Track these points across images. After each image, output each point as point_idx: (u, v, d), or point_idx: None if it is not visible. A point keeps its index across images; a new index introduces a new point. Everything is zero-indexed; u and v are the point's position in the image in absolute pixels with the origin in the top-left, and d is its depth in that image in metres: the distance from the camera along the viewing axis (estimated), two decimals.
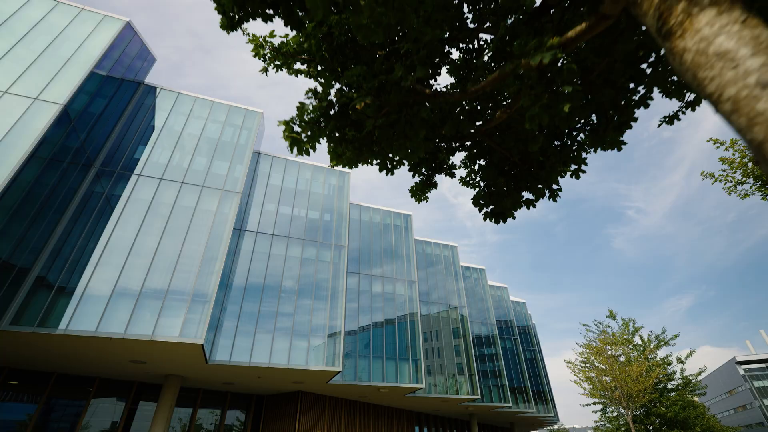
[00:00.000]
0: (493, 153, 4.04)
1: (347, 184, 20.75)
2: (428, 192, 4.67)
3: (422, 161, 4.19)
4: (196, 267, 12.46)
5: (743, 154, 9.25)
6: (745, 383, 56.62)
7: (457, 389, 21.30)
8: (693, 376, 17.95)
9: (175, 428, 16.65)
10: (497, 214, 4.03)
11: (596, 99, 3.36)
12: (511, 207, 3.93)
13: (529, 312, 38.00)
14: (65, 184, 12.03)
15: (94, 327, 10.59)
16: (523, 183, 3.84)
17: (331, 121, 3.41)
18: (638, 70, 3.27)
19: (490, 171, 4.01)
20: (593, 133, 3.56)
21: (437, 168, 4.34)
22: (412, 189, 4.63)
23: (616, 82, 3.28)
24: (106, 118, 13.91)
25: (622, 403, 15.99)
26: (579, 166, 3.62)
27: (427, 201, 4.71)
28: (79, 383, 15.22)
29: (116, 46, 13.66)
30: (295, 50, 3.66)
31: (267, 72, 3.96)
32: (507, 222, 4.11)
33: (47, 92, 11.04)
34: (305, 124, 3.41)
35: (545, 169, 3.72)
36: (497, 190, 3.92)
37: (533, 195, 3.86)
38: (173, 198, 13.86)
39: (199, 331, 11.31)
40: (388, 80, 3.11)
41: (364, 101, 3.10)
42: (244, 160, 16.08)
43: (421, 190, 4.61)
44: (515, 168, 3.83)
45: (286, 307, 15.40)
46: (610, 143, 3.54)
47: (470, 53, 3.80)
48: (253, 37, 3.97)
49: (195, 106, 16.83)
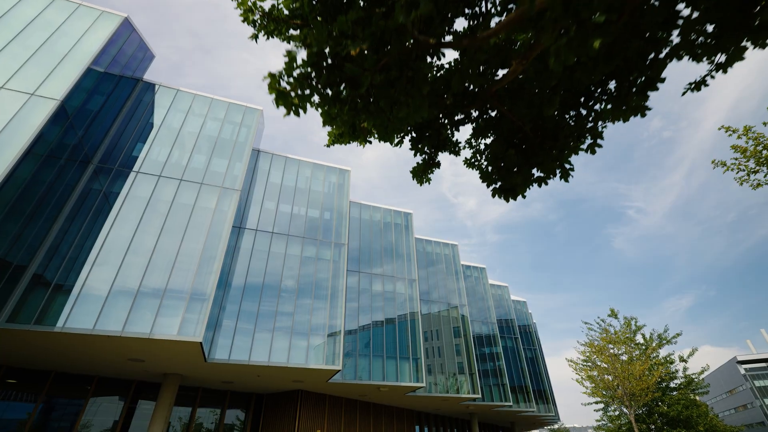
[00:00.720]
0: (502, 124, 3.72)
1: (347, 181, 20.64)
2: (431, 173, 4.38)
3: (425, 137, 3.90)
4: (194, 264, 12.36)
5: (757, 141, 8.80)
6: (746, 382, 56.52)
7: (457, 388, 21.20)
8: (696, 374, 17.83)
9: (175, 427, 16.56)
10: (507, 191, 3.77)
11: (621, 52, 2.97)
12: (522, 183, 3.65)
13: (529, 311, 37.90)
14: (63, 180, 11.93)
15: (91, 325, 10.49)
16: (535, 158, 3.54)
17: (323, 75, 3.03)
18: (674, 12, 2.83)
19: (498, 144, 3.70)
20: (614, 99, 3.20)
21: (441, 145, 4.05)
22: (414, 170, 4.35)
23: (646, 30, 2.91)
24: (104, 114, 13.80)
25: (625, 402, 15.87)
26: (595, 140, 3.34)
27: (429, 183, 4.44)
28: (77, 382, 15.14)
29: (114, 42, 13.53)
30: (288, 16, 3.42)
31: (257, 39, 3.61)
32: (517, 200, 3.83)
33: (44, 88, 10.93)
34: (294, 81, 3.03)
35: (559, 141, 3.42)
36: (506, 165, 3.63)
37: (544, 173, 3.58)
38: (172, 195, 13.75)
39: (197, 329, 11.21)
40: (387, 27, 2.79)
41: (360, 46, 2.80)
42: (244, 157, 15.97)
43: (423, 170, 4.34)
44: (526, 141, 3.53)
45: (285, 305, 15.30)
46: (634, 109, 3.19)
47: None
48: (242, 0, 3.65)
49: (194, 103, 16.71)
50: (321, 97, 3.21)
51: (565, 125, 3.31)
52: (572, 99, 3.23)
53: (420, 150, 4.11)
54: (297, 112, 3.12)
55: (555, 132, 3.44)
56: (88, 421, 14.84)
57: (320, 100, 3.24)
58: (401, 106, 3.09)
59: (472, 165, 4.14)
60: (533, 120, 3.44)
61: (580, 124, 3.28)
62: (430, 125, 3.75)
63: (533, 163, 3.54)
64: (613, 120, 3.25)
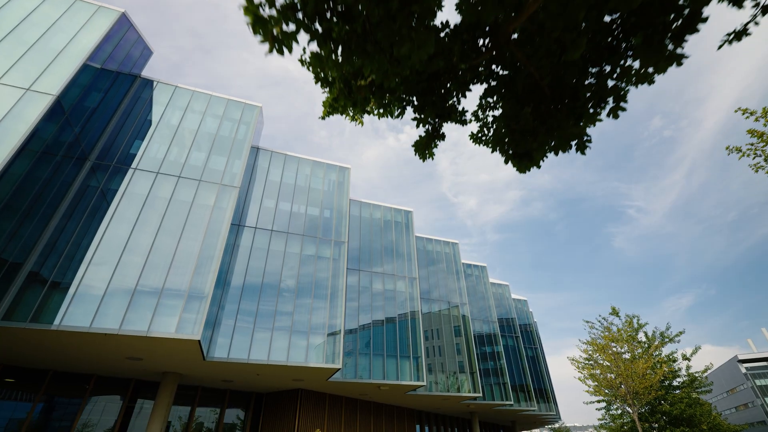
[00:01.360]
0: (515, 81, 3.28)
1: (347, 179, 20.50)
2: (435, 147, 3.98)
3: (429, 105, 3.50)
4: (192, 262, 12.23)
5: None
6: (747, 381, 56.38)
7: (458, 387, 21.09)
8: (699, 373, 17.68)
9: (175, 426, 16.46)
10: (522, 156, 3.36)
11: None
12: (538, 148, 3.24)
13: (530, 310, 37.77)
14: (59, 177, 11.79)
15: (88, 323, 10.37)
16: (551, 121, 3.14)
17: (311, 2, 2.55)
18: None
19: (511, 105, 3.28)
20: (646, 44, 2.76)
21: (446, 114, 3.68)
22: (417, 144, 3.98)
23: None
24: (101, 111, 13.66)
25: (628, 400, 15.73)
26: (618, 103, 3.09)
27: (433, 158, 4.03)
28: (75, 381, 15.02)
29: (111, 38, 13.39)
30: None
31: None
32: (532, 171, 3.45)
33: (39, 83, 10.78)
34: (278, 13, 2.56)
35: (579, 101, 3.03)
36: (521, 127, 3.22)
37: (561, 139, 3.19)
38: (170, 192, 13.61)
39: (195, 327, 11.08)
40: None
41: None
42: (243, 154, 15.83)
43: (427, 144, 3.94)
44: (542, 102, 3.15)
45: (285, 303, 15.18)
46: (668, 58, 2.76)
47: None
48: None
49: (192, 100, 16.57)
50: (309, 33, 2.75)
51: (585, 84, 3.03)
52: (595, 53, 2.93)
53: (423, 120, 3.75)
54: (281, 50, 2.68)
55: (575, 90, 3.06)
56: (87, 420, 14.73)
57: (309, 37, 2.78)
58: (403, 41, 2.64)
59: (479, 140, 3.78)
60: (552, 72, 3.03)
61: (602, 84, 3.00)
62: (434, 90, 3.40)
63: (550, 128, 3.15)
64: (643, 68, 2.82)
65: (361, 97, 3.24)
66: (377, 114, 3.76)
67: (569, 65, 2.93)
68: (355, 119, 3.83)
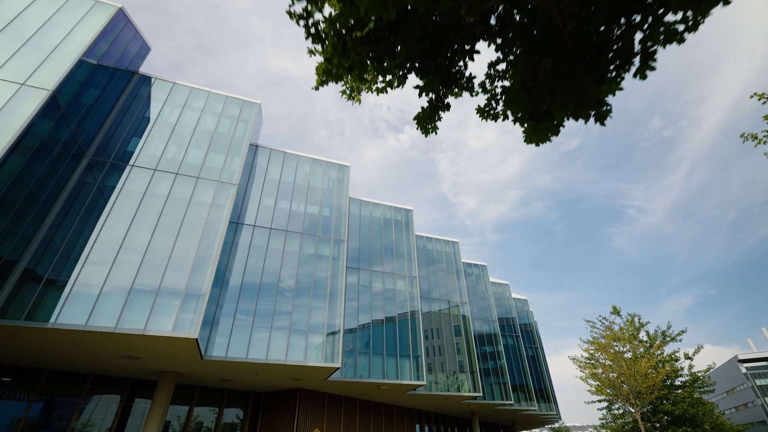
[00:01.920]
0: (534, 26, 2.86)
1: (347, 177, 20.37)
2: (438, 119, 3.62)
3: (432, 70, 3.14)
4: (190, 260, 12.08)
5: None
6: (747, 381, 56.26)
7: (458, 387, 20.96)
8: (702, 372, 17.55)
9: (174, 426, 16.32)
10: (541, 116, 2.94)
11: None
12: (559, 107, 2.84)
13: (530, 309, 37.65)
14: (55, 174, 11.65)
15: (84, 321, 10.22)
16: (572, 80, 2.77)
17: None
18: None
19: (528, 58, 2.85)
20: None
21: (451, 80, 3.34)
22: (419, 117, 3.63)
23: None
24: (98, 107, 13.52)
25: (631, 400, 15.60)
26: (646, 62, 2.86)
27: (436, 133, 3.71)
28: (72, 380, 14.88)
29: (108, 34, 13.24)
30: None
31: None
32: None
33: (35, 78, 10.64)
34: None
35: (604, 55, 2.67)
36: (539, 82, 2.81)
37: (582, 105, 2.82)
38: (167, 189, 13.47)
39: (192, 325, 10.94)
40: None
41: None
42: (241, 151, 15.68)
43: (430, 116, 3.59)
44: (563, 59, 2.76)
45: (283, 302, 15.04)
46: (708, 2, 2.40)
47: None
48: None
49: (190, 97, 16.42)
50: None
51: (611, 38, 2.78)
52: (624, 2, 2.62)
53: (426, 88, 3.38)
54: None
55: (600, 43, 2.69)
56: (84, 419, 14.59)
57: None
58: None
59: (486, 114, 3.48)
60: (576, 17, 2.62)
61: (629, 40, 2.74)
62: (439, 51, 3.04)
63: (570, 88, 2.79)
64: (666, 40, 2.52)
65: (357, 57, 2.94)
66: (376, 89, 3.54)
67: (596, 10, 2.58)
68: (353, 97, 3.63)
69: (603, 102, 2.79)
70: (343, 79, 3.19)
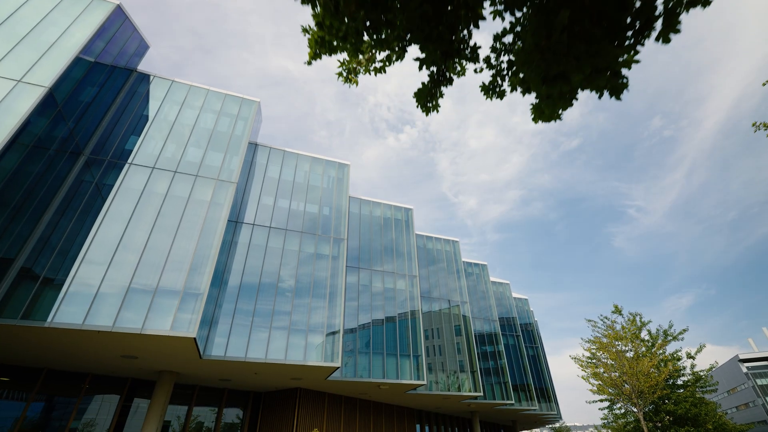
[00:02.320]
0: None
1: (347, 176, 20.26)
2: (440, 95, 3.36)
3: (433, 39, 2.88)
4: (188, 259, 11.98)
5: None
6: (748, 381, 56.11)
7: (458, 386, 20.87)
8: (705, 371, 17.43)
9: (173, 426, 16.22)
10: (554, 78, 2.66)
11: None
12: (576, 68, 2.57)
13: (531, 309, 37.54)
14: (52, 172, 11.55)
15: (81, 320, 10.12)
16: (587, 47, 2.51)
17: None
18: None
19: (540, 18, 2.55)
20: None
21: (454, 52, 3.06)
22: (419, 93, 3.38)
23: None
24: (96, 105, 13.41)
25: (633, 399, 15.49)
26: (670, 23, 2.63)
27: (438, 111, 3.46)
28: (70, 379, 14.78)
29: (105, 31, 13.13)
30: None
31: None
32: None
33: (31, 75, 10.53)
34: None
35: (627, 12, 2.39)
36: (552, 45, 2.54)
37: (597, 72, 2.57)
38: (166, 187, 13.37)
39: (191, 324, 10.84)
40: None
41: None
42: (240, 150, 15.58)
43: (431, 92, 3.33)
44: (577, 23, 2.47)
45: (283, 301, 14.94)
46: None
47: None
48: None
49: (189, 95, 16.32)
50: None
51: None
52: None
53: (426, 60, 3.07)
54: None
55: (619, 3, 2.41)
56: (82, 419, 14.50)
57: None
58: None
59: (491, 92, 3.20)
60: None
61: (650, 4, 2.54)
62: (441, 16, 2.80)
63: (586, 52, 2.52)
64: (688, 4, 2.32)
65: (352, 22, 2.74)
66: (374, 69, 3.36)
67: None
68: (349, 79, 3.48)
69: (619, 73, 2.60)
70: (338, 51, 3.05)
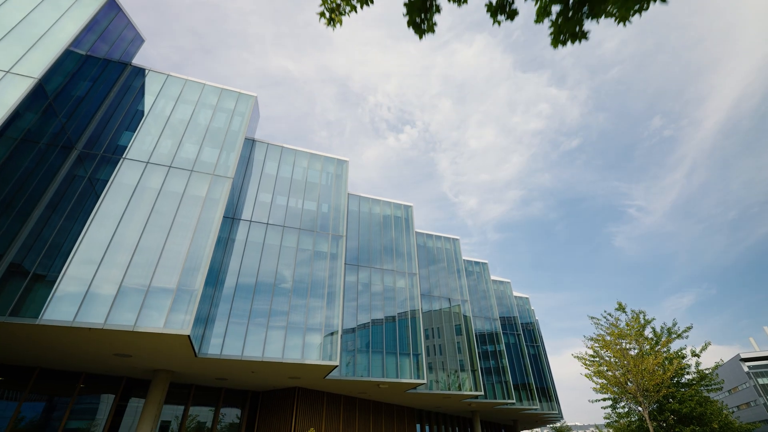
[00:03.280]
0: None
1: (345, 172, 19.99)
2: (437, 11, 2.84)
3: None
4: (183, 255, 11.71)
5: None
6: (749, 380, 55.82)
7: (459, 385, 20.61)
8: (710, 370, 17.17)
9: (171, 426, 15.96)
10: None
11: None
12: None
13: (532, 308, 37.27)
14: (43, 166, 11.27)
15: (71, 317, 9.85)
16: None
17: None
18: None
19: None
20: None
21: None
22: (410, 4, 2.84)
23: None
24: (89, 99, 13.14)
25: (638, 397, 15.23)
26: None
27: (433, 32, 2.96)
28: (64, 378, 14.52)
29: (98, 22, 12.86)
30: None
31: None
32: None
33: (20, 66, 10.25)
34: None
35: None
36: None
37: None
38: (160, 182, 13.10)
39: (185, 321, 10.57)
40: None
41: None
42: (237, 145, 15.31)
43: (424, 5, 2.79)
44: None
45: (280, 299, 14.67)
46: None
47: None
48: None
49: (185, 89, 16.05)
50: None
51: None
52: None
53: None
54: None
55: None
56: (76, 418, 14.23)
57: None
58: None
59: (500, 10, 2.66)
60: None
61: None
62: None
63: None
64: None
65: None
66: (359, 1, 3.04)
67: None
68: (333, 19, 3.08)
69: None
70: None
